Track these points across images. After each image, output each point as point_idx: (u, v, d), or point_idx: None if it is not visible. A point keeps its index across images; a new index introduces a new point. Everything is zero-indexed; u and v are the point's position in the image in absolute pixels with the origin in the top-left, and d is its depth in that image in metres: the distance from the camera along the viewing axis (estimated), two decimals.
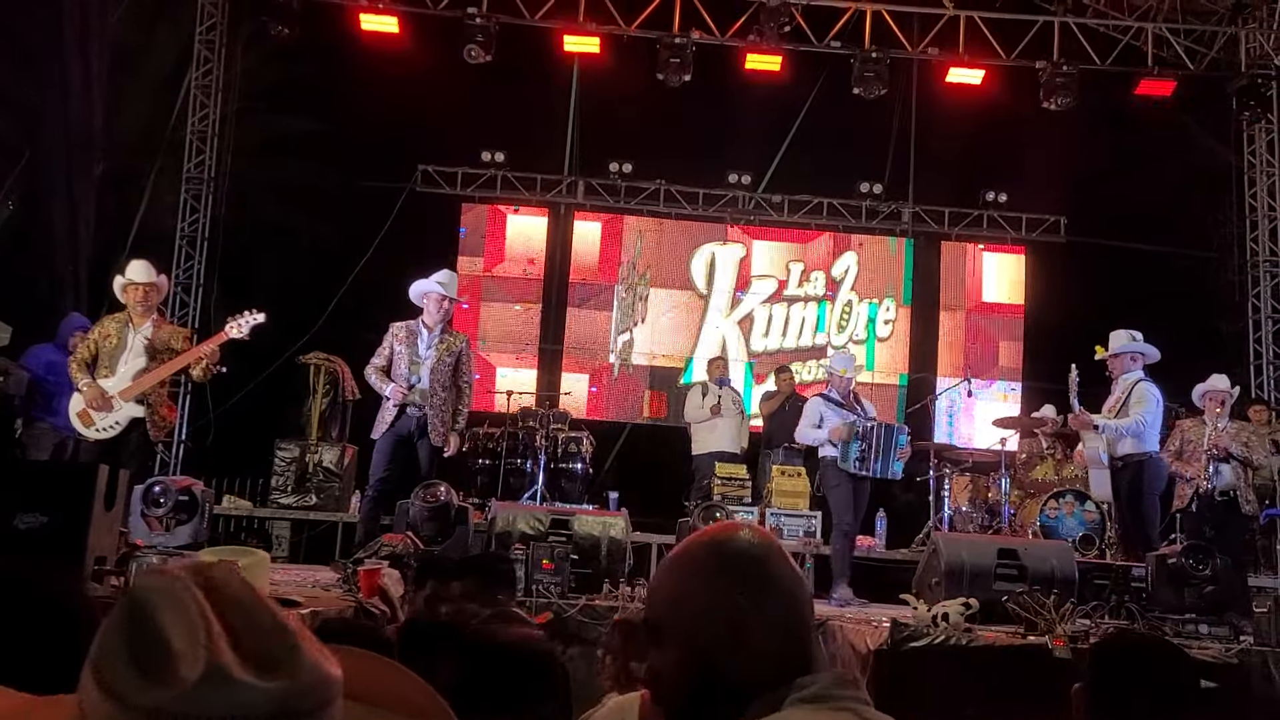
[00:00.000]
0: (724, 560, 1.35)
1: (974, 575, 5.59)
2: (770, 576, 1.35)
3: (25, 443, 7.39)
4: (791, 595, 1.36)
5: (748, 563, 1.35)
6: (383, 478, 6.59)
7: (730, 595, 1.31)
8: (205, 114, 11.09)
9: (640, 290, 12.47)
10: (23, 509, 3.64)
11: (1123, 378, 6.84)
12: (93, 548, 3.71)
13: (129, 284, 6.26)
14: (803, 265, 12.57)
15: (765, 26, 10.47)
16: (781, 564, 1.37)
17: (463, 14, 10.48)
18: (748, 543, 1.37)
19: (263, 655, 0.85)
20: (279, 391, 11.55)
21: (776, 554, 1.38)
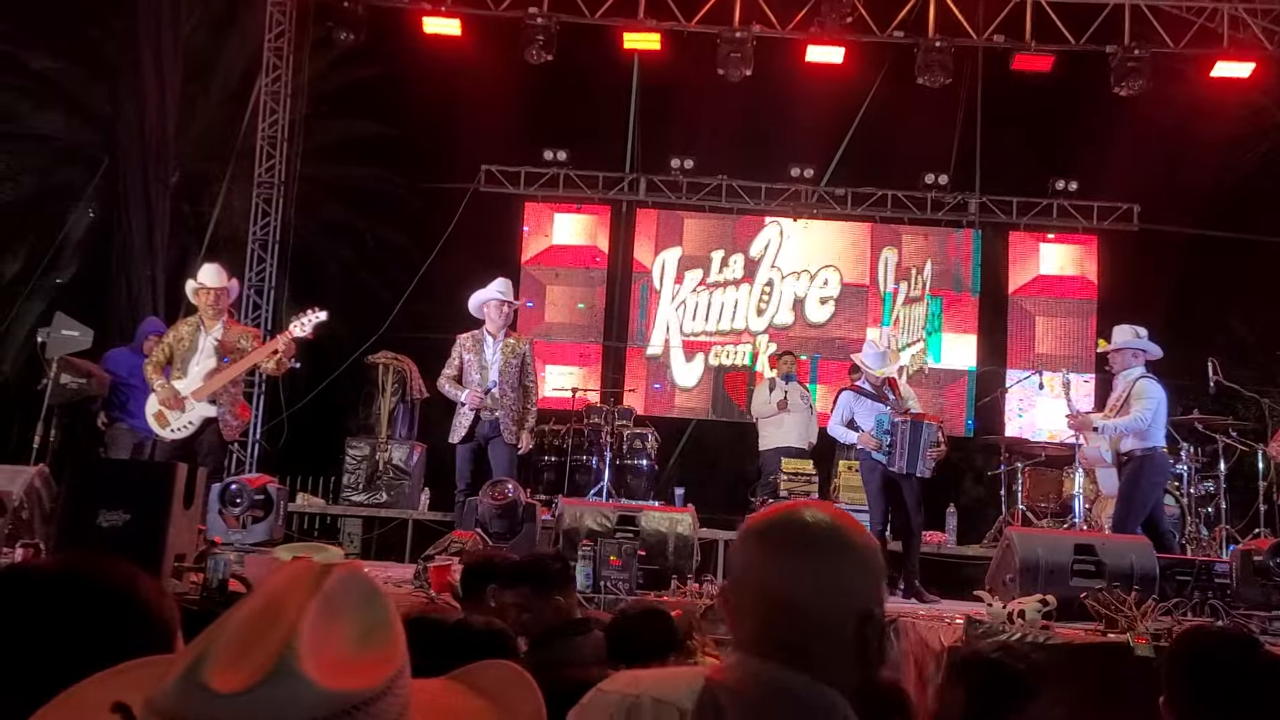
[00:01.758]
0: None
1: (1050, 571, 5.47)
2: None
3: (106, 443, 7.61)
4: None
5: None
6: (469, 483, 6.90)
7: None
8: (275, 119, 11.29)
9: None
10: (105, 507, 3.75)
11: (1124, 374, 6.66)
12: (172, 545, 3.81)
13: (200, 287, 6.44)
14: (723, 252, 12.56)
15: (827, 18, 10.36)
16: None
17: (524, 14, 10.53)
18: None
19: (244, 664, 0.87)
20: (349, 391, 11.77)
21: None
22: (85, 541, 3.65)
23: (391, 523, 8.96)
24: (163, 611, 1.37)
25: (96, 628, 1.29)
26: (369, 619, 0.98)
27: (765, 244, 12.47)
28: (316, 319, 6.46)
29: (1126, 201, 12.07)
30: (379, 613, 1.00)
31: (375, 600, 1.01)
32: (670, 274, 12.52)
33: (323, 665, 0.89)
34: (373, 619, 0.99)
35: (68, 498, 4.06)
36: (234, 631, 0.92)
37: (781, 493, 8.78)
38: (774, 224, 12.47)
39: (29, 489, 5.32)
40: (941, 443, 6.89)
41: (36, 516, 5.32)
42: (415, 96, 12.24)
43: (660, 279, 12.54)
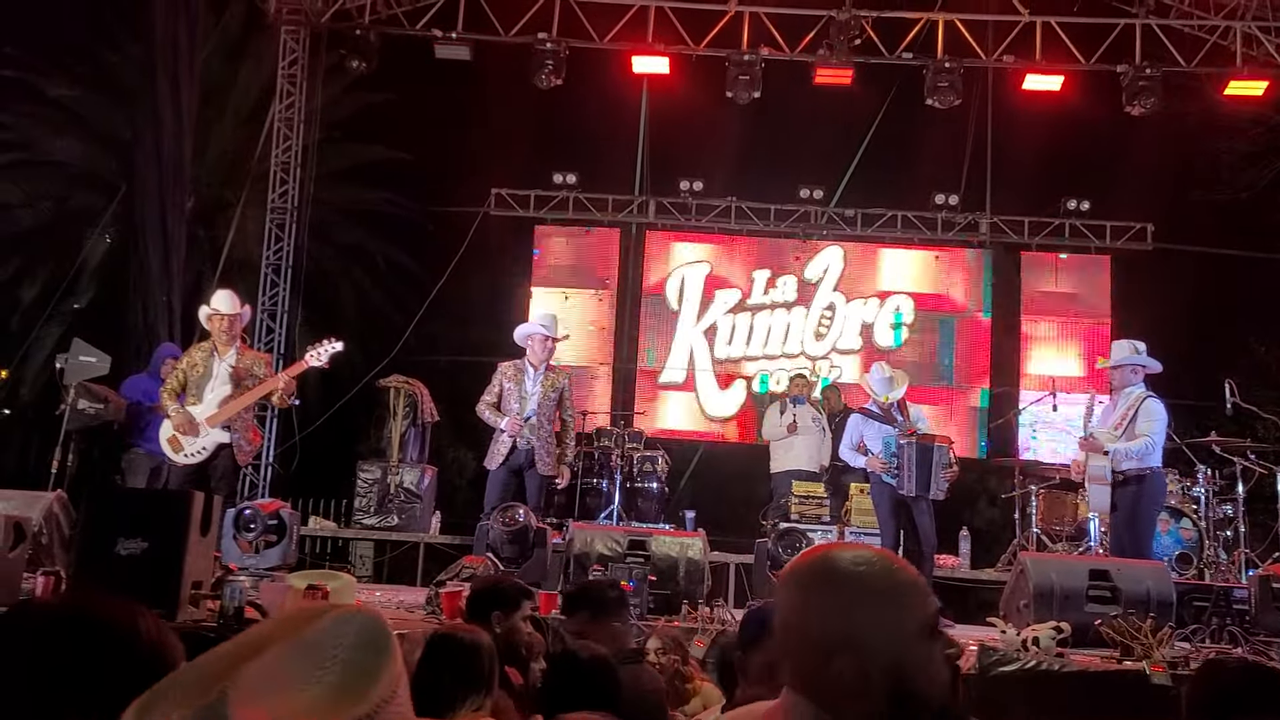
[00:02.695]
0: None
1: (1065, 597, 5.43)
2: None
3: (123, 468, 7.65)
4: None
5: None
6: (495, 508, 6.86)
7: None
8: (288, 145, 11.38)
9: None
10: (124, 535, 3.77)
11: (1125, 391, 6.59)
12: (189, 572, 3.83)
13: (214, 314, 6.47)
14: (768, 272, 12.33)
15: (835, 40, 10.39)
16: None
17: (534, 39, 10.61)
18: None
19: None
20: (360, 414, 11.81)
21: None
22: (104, 569, 3.67)
23: (403, 546, 8.96)
24: (165, 650, 1.38)
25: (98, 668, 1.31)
26: (352, 665, 0.99)
27: (824, 267, 12.33)
28: (333, 349, 6.49)
29: (1140, 221, 12.02)
30: (364, 659, 1.00)
31: (369, 646, 1.01)
32: (693, 295, 12.42)
33: (257, 711, 0.90)
34: (357, 664, 0.99)
35: (86, 526, 4.09)
36: (193, 674, 0.96)
37: (792, 515, 8.73)
38: (835, 247, 12.32)
39: (48, 514, 5.36)
40: (953, 464, 6.84)
41: (55, 542, 5.35)
42: (426, 121, 12.37)
43: (679, 299, 12.48)
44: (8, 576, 4.46)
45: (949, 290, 12.29)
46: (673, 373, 12.36)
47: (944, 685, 1.37)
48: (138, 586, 1.16)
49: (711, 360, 12.30)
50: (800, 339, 12.16)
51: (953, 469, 6.85)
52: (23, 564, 4.74)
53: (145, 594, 1.37)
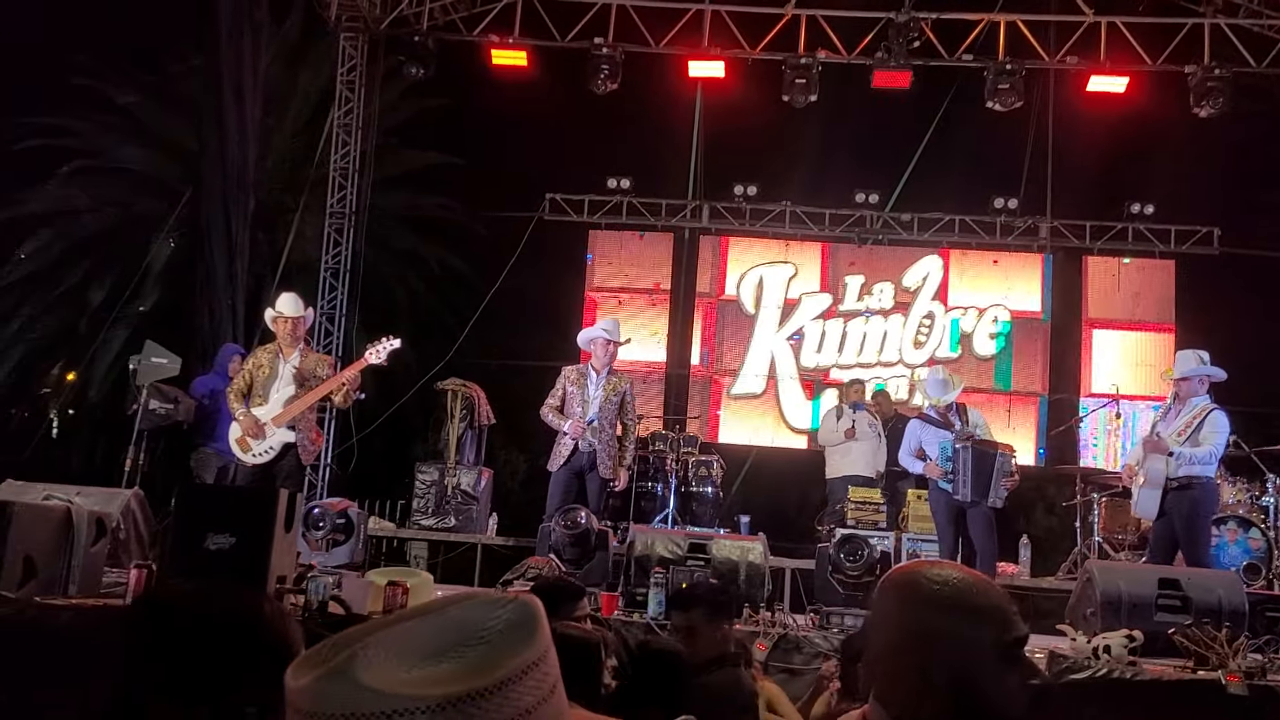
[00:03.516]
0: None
1: (1133, 606, 5.33)
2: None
3: (193, 467, 7.81)
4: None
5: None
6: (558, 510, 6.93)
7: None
8: (347, 151, 11.55)
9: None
10: (213, 530, 3.89)
11: (1191, 401, 6.49)
12: (275, 567, 3.93)
13: (278, 316, 6.58)
14: (862, 278, 12.15)
15: (893, 43, 10.32)
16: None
17: (590, 45, 10.67)
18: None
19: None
20: (415, 416, 11.96)
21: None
22: (195, 563, 3.79)
23: (459, 547, 9.04)
24: (286, 636, 1.44)
25: (227, 649, 1.37)
26: (491, 645, 1.01)
27: (924, 276, 12.17)
28: (391, 346, 6.59)
29: (1206, 224, 11.79)
30: (504, 641, 1.02)
31: (515, 630, 1.04)
32: (774, 299, 12.26)
33: (385, 674, 0.95)
34: (498, 647, 1.01)
35: (177, 522, 4.21)
36: (338, 638, 1.01)
37: (849, 521, 8.67)
38: (933, 256, 12.19)
39: (125, 511, 5.49)
40: (1015, 473, 6.74)
41: (133, 538, 5.49)
42: (482, 126, 12.50)
43: (756, 303, 12.33)
44: (91, 570, 4.60)
45: (1006, 296, 12.15)
46: (750, 381, 12.22)
47: (1016, 708, 1.43)
48: (226, 579, 1.22)
49: (797, 368, 12.16)
50: (898, 347, 12.00)
51: (1014, 478, 6.74)
52: (104, 558, 4.88)
53: (232, 586, 1.44)
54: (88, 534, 4.49)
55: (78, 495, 5.28)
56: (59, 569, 4.38)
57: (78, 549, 4.44)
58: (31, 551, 4.22)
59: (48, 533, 4.36)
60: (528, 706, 1.00)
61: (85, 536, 4.48)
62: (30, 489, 5.49)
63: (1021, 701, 1.43)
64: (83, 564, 4.47)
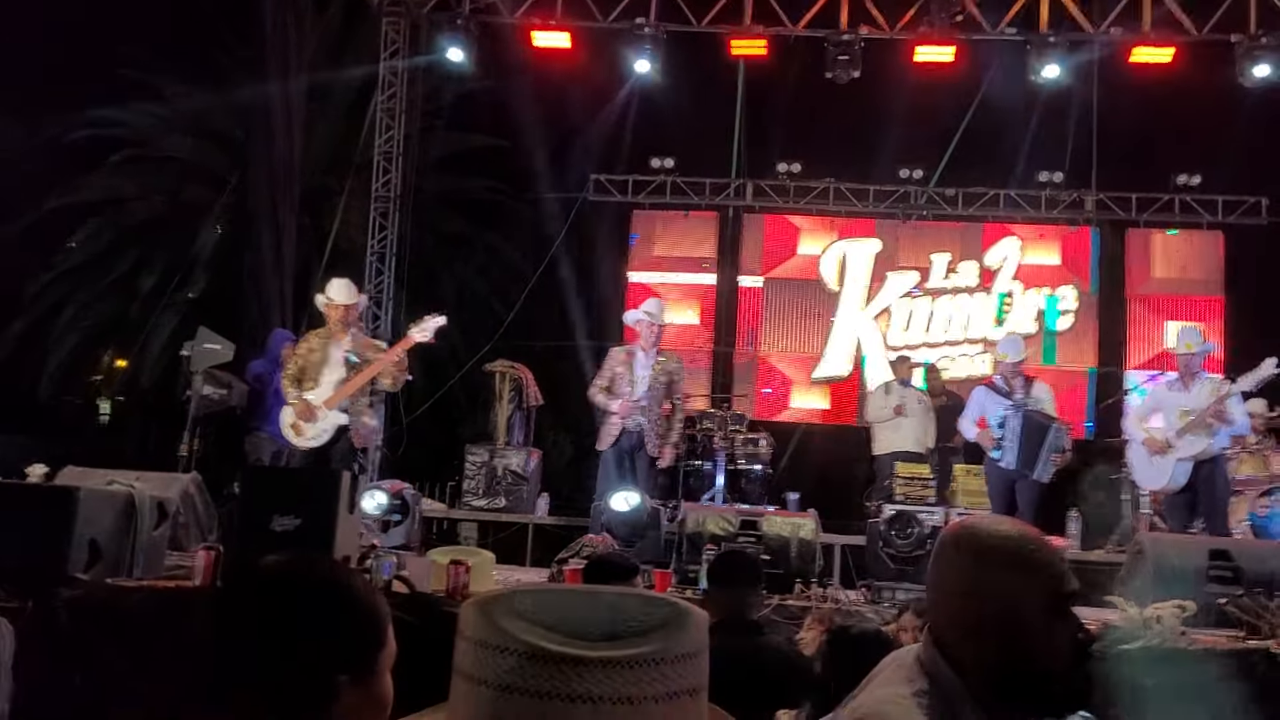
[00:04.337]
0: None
1: (1184, 577, 5.35)
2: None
3: (247, 451, 7.98)
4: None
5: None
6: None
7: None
8: (390, 135, 11.66)
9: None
10: (278, 512, 4.00)
11: (1202, 375, 6.77)
12: (340, 547, 4.05)
13: (330, 303, 6.65)
14: (949, 256, 12.22)
15: (936, 17, 10.23)
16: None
17: (631, 25, 10.68)
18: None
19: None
20: (464, 399, 12.11)
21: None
22: (261, 545, 3.90)
23: (510, 528, 9.16)
24: (377, 606, 1.53)
25: (323, 620, 1.45)
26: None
27: (1004, 256, 12.22)
28: (437, 324, 6.62)
29: (1254, 194, 11.63)
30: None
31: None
32: (860, 276, 12.25)
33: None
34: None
35: (242, 504, 4.33)
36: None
37: (897, 497, 8.67)
38: (1013, 238, 12.22)
39: (184, 495, 5.65)
40: (1068, 449, 6.70)
41: (192, 522, 5.65)
42: (525, 108, 12.54)
43: (840, 279, 12.31)
44: (153, 554, 4.75)
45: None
46: (834, 364, 12.20)
47: (1061, 659, 1.50)
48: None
49: (884, 348, 12.11)
50: (983, 326, 12.04)
51: (1065, 454, 6.72)
52: (165, 541, 5.03)
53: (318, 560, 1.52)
54: (150, 518, 4.63)
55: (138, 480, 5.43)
56: (124, 552, 4.52)
57: (141, 533, 4.58)
58: (97, 535, 4.35)
59: (112, 517, 4.49)
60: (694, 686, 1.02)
61: (148, 520, 4.62)
62: (91, 474, 5.63)
63: (1067, 656, 1.51)
64: (146, 547, 4.61)
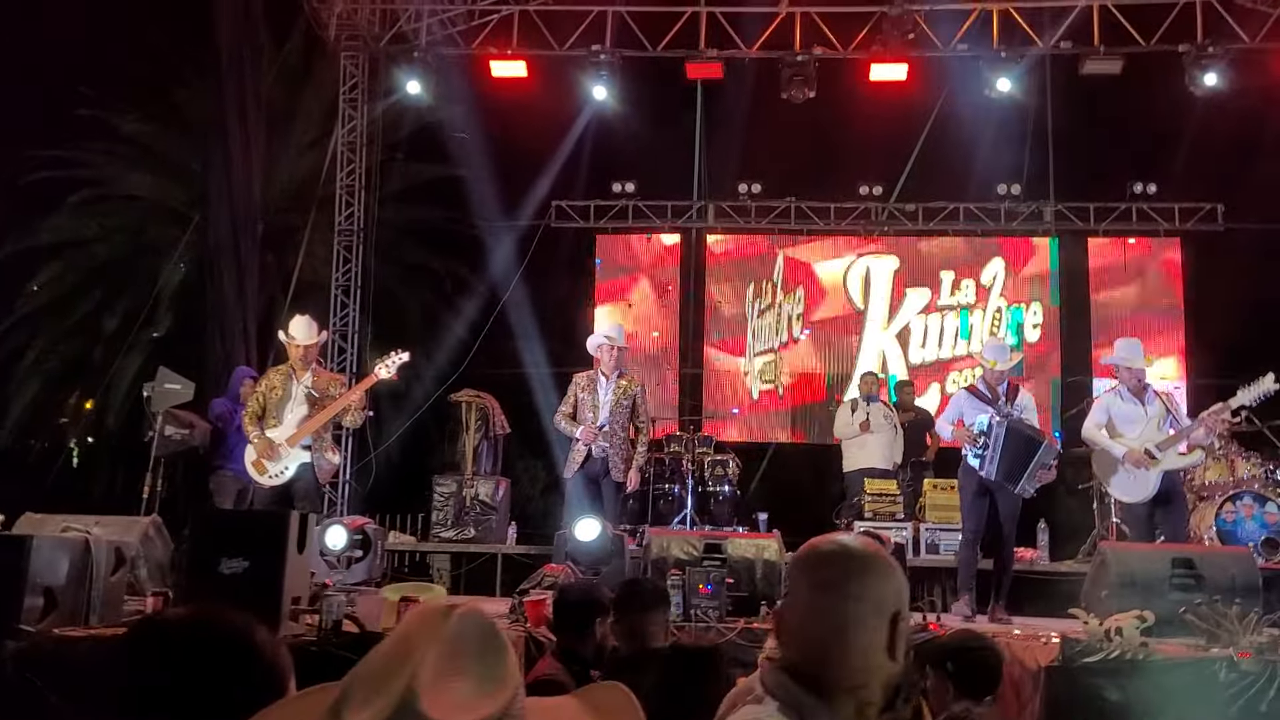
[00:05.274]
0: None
1: (1147, 586, 5.37)
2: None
3: (211, 490, 7.90)
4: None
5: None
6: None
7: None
8: (352, 168, 11.65)
9: (788, 308, 12.43)
10: (226, 555, 3.96)
11: (1149, 386, 6.80)
12: (288, 589, 4.00)
13: (292, 341, 6.65)
14: (953, 274, 12.29)
15: (889, 36, 10.35)
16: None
17: (588, 52, 10.73)
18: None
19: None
20: (432, 429, 12.03)
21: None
22: (210, 588, 3.86)
23: (480, 558, 9.11)
24: (278, 659, 1.50)
25: (221, 675, 1.42)
26: (487, 654, 1.10)
27: (994, 274, 12.34)
28: (400, 360, 6.68)
29: (1209, 201, 11.80)
30: (496, 647, 1.11)
31: (493, 636, 1.13)
32: (882, 294, 12.31)
33: (441, 703, 1.01)
34: (491, 653, 1.10)
35: (192, 547, 4.29)
36: (367, 674, 1.06)
37: (866, 514, 8.73)
38: (999, 258, 12.33)
39: (144, 539, 5.58)
40: (1053, 464, 6.54)
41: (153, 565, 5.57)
42: (485, 137, 12.54)
43: (864, 296, 12.36)
44: (111, 600, 4.67)
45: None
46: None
47: (893, 671, 1.53)
48: (241, 603, 1.24)
49: (906, 365, 12.16)
50: (980, 340, 12.11)
51: (1051, 470, 6.54)
52: (124, 587, 4.95)
53: (248, 610, 1.48)
54: (107, 564, 4.57)
55: (96, 525, 5.36)
56: (80, 599, 4.46)
57: (97, 579, 4.51)
58: (52, 583, 4.29)
59: (67, 565, 4.42)
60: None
61: (104, 566, 4.56)
62: (49, 521, 5.57)
63: (895, 657, 1.53)
64: (103, 594, 4.54)
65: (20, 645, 3.95)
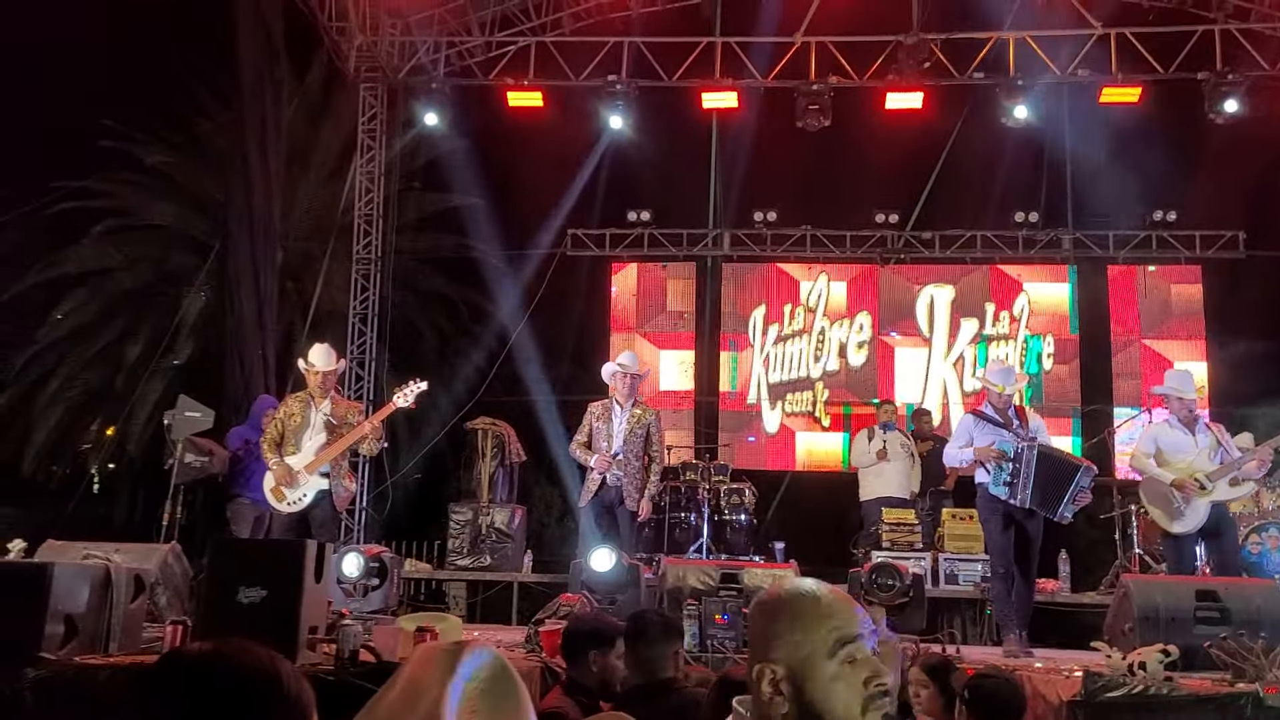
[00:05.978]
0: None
1: (1170, 620, 5.28)
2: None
3: (229, 517, 7.92)
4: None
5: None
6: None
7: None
8: (370, 198, 11.75)
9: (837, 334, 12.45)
10: (244, 584, 3.96)
11: (1199, 417, 6.70)
12: (305, 618, 3.99)
13: (311, 368, 6.68)
14: (994, 305, 12.29)
15: (904, 65, 10.39)
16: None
17: (604, 82, 10.81)
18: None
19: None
20: (449, 457, 12.05)
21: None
22: (227, 617, 3.86)
23: (496, 586, 9.07)
24: (302, 694, 1.49)
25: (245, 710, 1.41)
26: (498, 691, 1.09)
27: (818, 294, 12.46)
28: (418, 389, 6.69)
29: (1230, 229, 11.73)
30: (506, 690, 1.10)
31: (503, 673, 1.11)
32: (942, 324, 12.45)
33: None
34: (501, 690, 1.09)
35: (209, 577, 4.29)
36: (381, 717, 1.04)
37: (884, 543, 8.65)
38: (822, 274, 12.47)
39: (164, 565, 5.58)
40: (1090, 488, 6.25)
41: (172, 592, 5.57)
42: (502, 167, 12.67)
43: (930, 324, 12.50)
44: (130, 627, 4.68)
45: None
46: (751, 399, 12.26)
47: (853, 708, 1.57)
48: (258, 633, 1.24)
49: (961, 394, 12.18)
50: (806, 364, 12.38)
51: (1089, 494, 6.28)
52: (143, 614, 4.96)
53: (265, 640, 1.47)
54: (126, 591, 4.58)
55: (116, 552, 5.36)
56: (100, 627, 4.46)
57: (117, 607, 4.52)
58: (72, 611, 4.30)
59: (87, 592, 4.43)
60: None
61: (124, 594, 4.57)
62: (70, 548, 5.58)
63: (851, 696, 1.57)
64: (122, 621, 4.55)
65: (41, 673, 3.96)
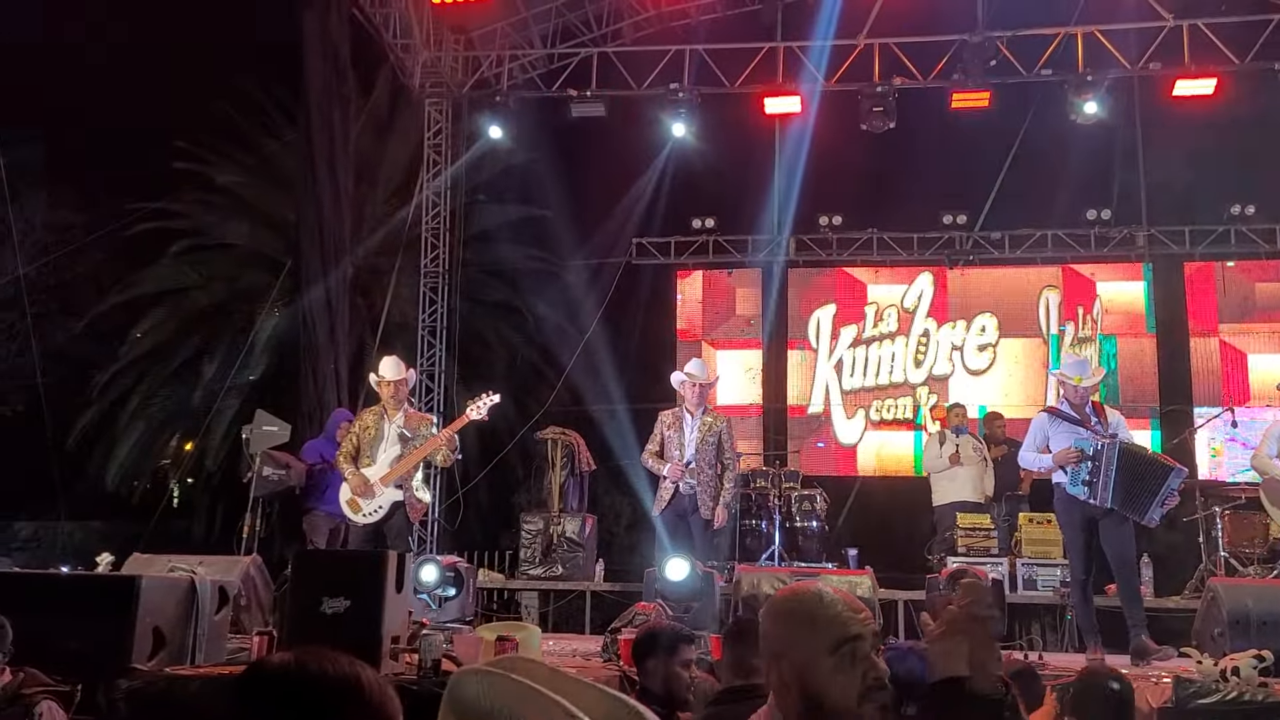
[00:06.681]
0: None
1: (1262, 623, 5.15)
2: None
3: (305, 530, 8.08)
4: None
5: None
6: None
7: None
8: (437, 211, 11.91)
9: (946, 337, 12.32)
10: (328, 595, 4.05)
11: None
12: (388, 628, 4.07)
13: (381, 380, 6.79)
14: (1081, 307, 12.04)
15: (969, 64, 10.24)
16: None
17: (666, 91, 10.84)
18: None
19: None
20: (518, 467, 12.15)
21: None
22: (312, 628, 3.95)
23: (568, 595, 9.12)
24: (386, 703, 1.50)
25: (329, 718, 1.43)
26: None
27: (918, 294, 12.31)
28: (491, 401, 6.75)
29: None
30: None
31: (531, 695, 1.13)
32: (826, 332, 12.48)
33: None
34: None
35: (293, 588, 4.38)
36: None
37: (959, 549, 8.51)
38: (925, 274, 12.30)
39: (245, 577, 5.72)
40: (1179, 490, 5.93)
41: (254, 603, 5.71)
42: (566, 177, 12.77)
43: (816, 337, 12.52)
44: (215, 638, 4.80)
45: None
46: (815, 406, 12.19)
47: (850, 699, 1.66)
48: (342, 643, 1.25)
49: (841, 393, 12.22)
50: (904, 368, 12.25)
51: (1177, 497, 5.96)
52: (227, 625, 5.09)
53: (349, 650, 1.48)
54: (211, 603, 4.70)
55: (200, 565, 5.51)
56: (186, 638, 4.58)
57: (203, 618, 4.64)
58: (160, 623, 4.42)
59: (174, 604, 4.56)
60: None
61: (209, 605, 4.68)
62: (156, 561, 5.74)
63: (854, 692, 1.65)
64: (208, 633, 4.67)
65: (134, 684, 4.07)
